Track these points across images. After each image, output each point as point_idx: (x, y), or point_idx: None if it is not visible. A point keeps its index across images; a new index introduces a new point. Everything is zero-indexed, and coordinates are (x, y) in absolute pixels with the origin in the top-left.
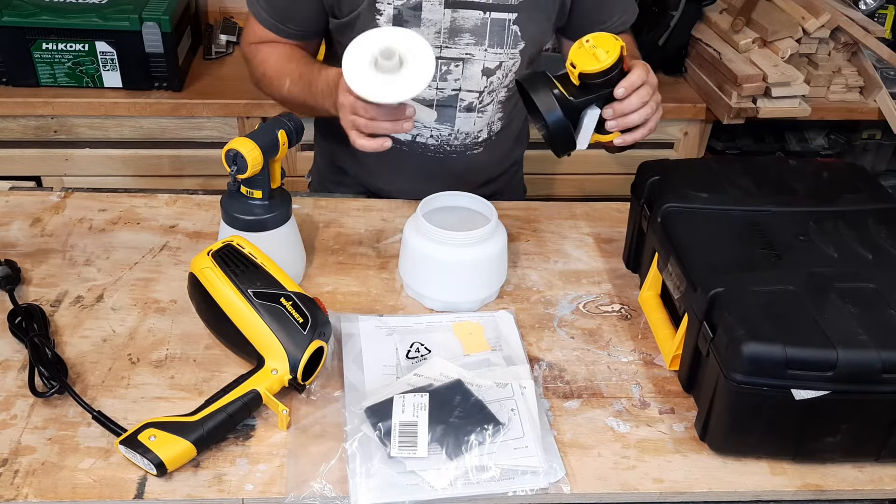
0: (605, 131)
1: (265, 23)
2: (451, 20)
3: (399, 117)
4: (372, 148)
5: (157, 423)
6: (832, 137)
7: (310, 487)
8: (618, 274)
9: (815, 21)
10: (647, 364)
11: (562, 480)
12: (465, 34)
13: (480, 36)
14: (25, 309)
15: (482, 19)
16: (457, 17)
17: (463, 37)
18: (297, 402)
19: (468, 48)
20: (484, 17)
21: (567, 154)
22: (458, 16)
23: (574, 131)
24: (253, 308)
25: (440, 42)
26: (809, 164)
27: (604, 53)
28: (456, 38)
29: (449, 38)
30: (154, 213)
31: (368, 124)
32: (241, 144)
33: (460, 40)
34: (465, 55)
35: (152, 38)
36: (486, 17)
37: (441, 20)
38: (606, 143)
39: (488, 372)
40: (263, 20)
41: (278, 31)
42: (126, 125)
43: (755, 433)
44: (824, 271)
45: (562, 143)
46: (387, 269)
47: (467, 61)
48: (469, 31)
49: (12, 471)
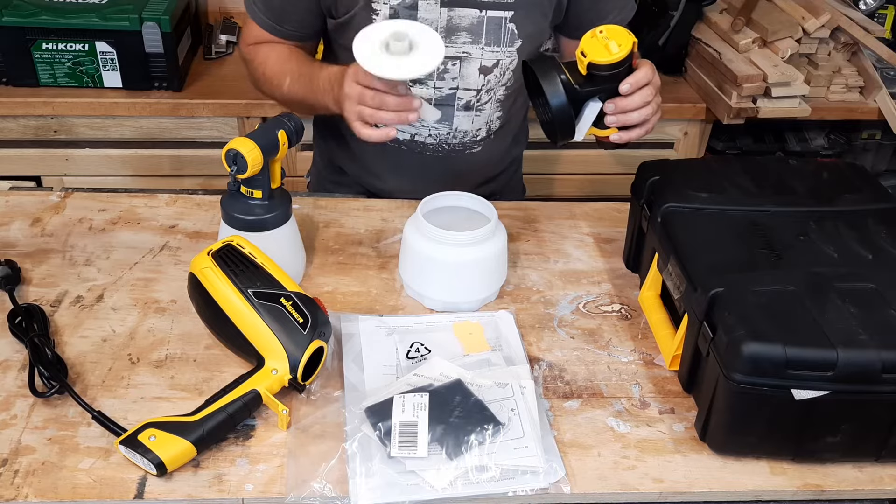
0: (604, 126)
1: (262, 24)
2: (448, 19)
3: (405, 108)
4: (377, 137)
5: (157, 423)
6: (832, 137)
7: (310, 487)
8: (618, 274)
9: (815, 21)
10: (647, 364)
11: (562, 480)
12: (462, 32)
13: (477, 34)
14: (25, 309)
15: (478, 17)
16: (453, 16)
17: (460, 35)
18: (297, 402)
19: (465, 46)
20: (480, 16)
21: (564, 142)
22: (454, 14)
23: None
24: (253, 308)
25: None
26: (809, 164)
27: (616, 46)
28: (453, 36)
29: (446, 36)
30: (154, 213)
31: (374, 114)
32: (241, 144)
33: (457, 39)
34: (463, 54)
35: (152, 38)
36: (483, 16)
37: (437, 19)
38: (602, 138)
39: (488, 372)
40: (261, 21)
41: (275, 31)
42: (126, 125)
43: (755, 433)
44: (824, 271)
45: (561, 130)
46: (387, 269)
47: (464, 60)
48: (465, 29)
49: (12, 471)
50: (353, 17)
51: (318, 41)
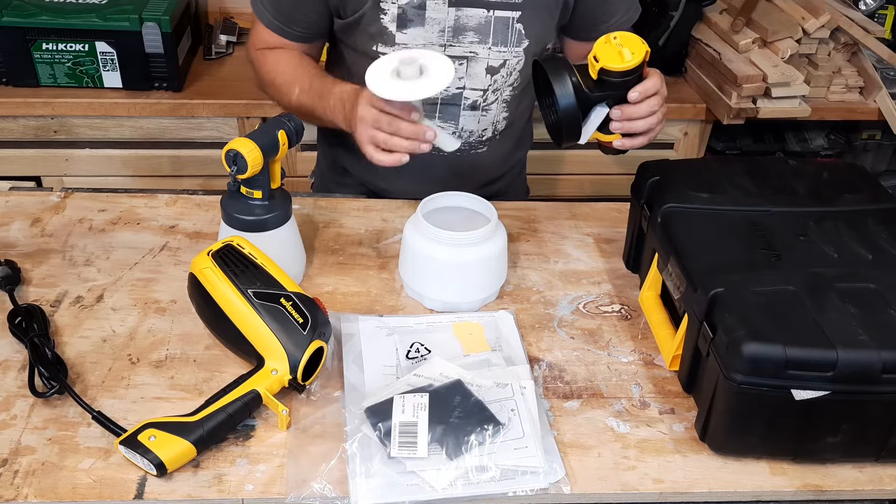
0: (608, 131)
1: (271, 25)
2: (455, 18)
3: (419, 137)
4: (389, 162)
5: (157, 424)
6: (832, 137)
7: (310, 487)
8: (618, 274)
9: (815, 21)
10: (647, 364)
11: (562, 481)
12: (469, 32)
13: (484, 34)
14: (25, 309)
15: (486, 17)
16: (461, 16)
17: (467, 35)
18: (297, 402)
19: (472, 46)
20: (488, 16)
21: (569, 144)
22: (461, 14)
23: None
24: (253, 308)
25: (444, 41)
26: (809, 164)
27: (630, 54)
28: (460, 36)
29: (453, 36)
30: (154, 213)
31: (388, 140)
32: (241, 144)
33: (464, 38)
34: (470, 53)
35: (152, 38)
36: (490, 16)
37: (445, 18)
38: (605, 144)
39: (488, 372)
40: (269, 23)
41: (284, 33)
42: (126, 125)
43: (755, 433)
44: (824, 271)
45: (568, 132)
46: (387, 269)
47: (471, 59)
48: (473, 29)
49: (12, 471)
50: (362, 16)
51: (324, 41)
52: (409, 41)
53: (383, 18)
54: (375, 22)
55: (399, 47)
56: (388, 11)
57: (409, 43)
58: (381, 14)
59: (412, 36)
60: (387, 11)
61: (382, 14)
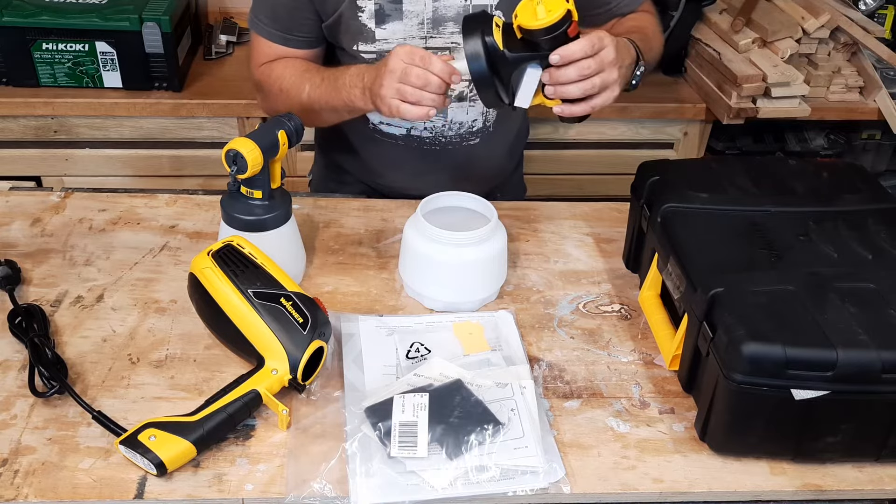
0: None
1: (271, 37)
2: (434, 10)
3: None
4: (418, 116)
5: (157, 423)
6: (832, 137)
7: (310, 487)
8: (618, 274)
9: (814, 21)
10: (647, 364)
11: (562, 480)
12: (449, 23)
13: None
14: (25, 309)
15: (464, 6)
16: (438, 7)
17: (447, 25)
18: (297, 402)
19: (453, 37)
20: (465, 5)
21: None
22: (439, 5)
23: (504, 85)
24: (253, 308)
25: (424, 33)
26: (809, 164)
27: (543, 11)
28: (440, 27)
29: (433, 27)
30: (154, 213)
31: (415, 93)
32: (241, 144)
33: (444, 29)
34: (451, 44)
35: (152, 38)
36: (468, 4)
37: (423, 11)
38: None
39: (488, 372)
40: (270, 35)
41: (287, 42)
42: (126, 125)
43: (755, 433)
44: (824, 271)
45: (484, 95)
46: (387, 269)
47: (454, 50)
48: (452, 19)
49: (12, 471)
50: (340, 15)
51: (324, 47)
52: (389, 36)
53: (361, 16)
54: (354, 20)
55: (380, 44)
56: (364, 8)
57: (388, 38)
58: (358, 12)
59: (391, 31)
60: (364, 8)
61: (360, 12)
